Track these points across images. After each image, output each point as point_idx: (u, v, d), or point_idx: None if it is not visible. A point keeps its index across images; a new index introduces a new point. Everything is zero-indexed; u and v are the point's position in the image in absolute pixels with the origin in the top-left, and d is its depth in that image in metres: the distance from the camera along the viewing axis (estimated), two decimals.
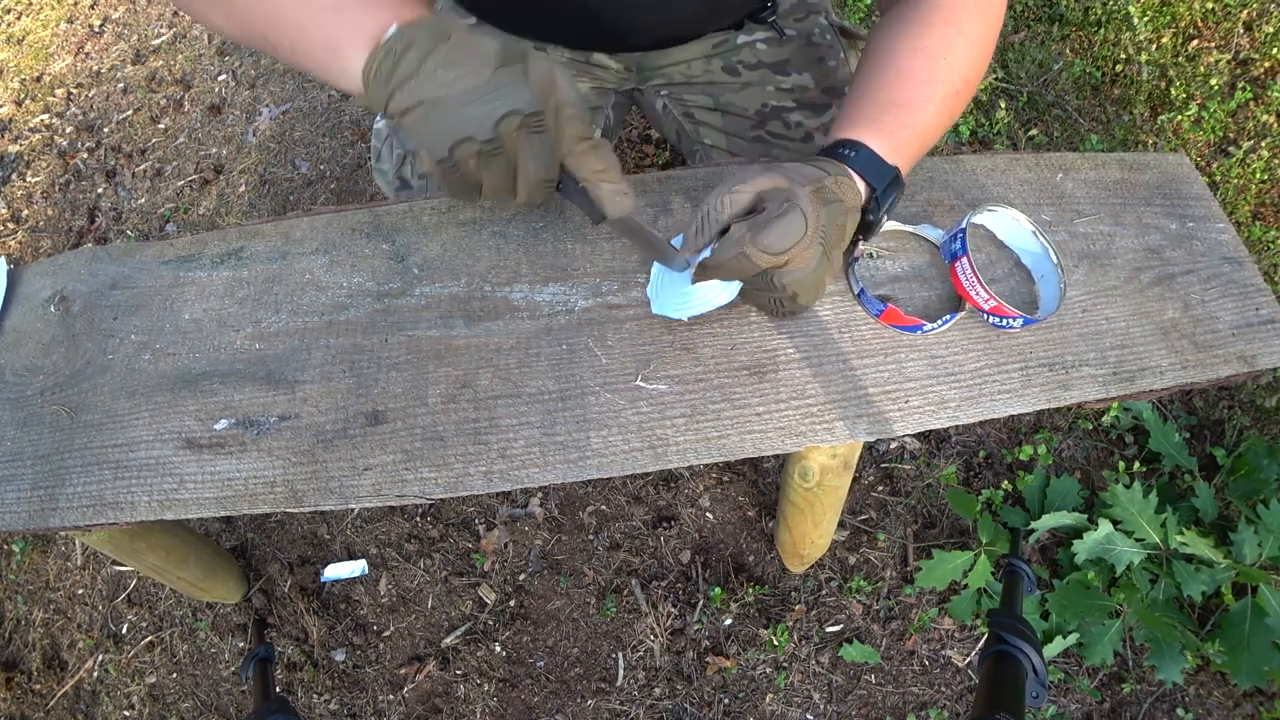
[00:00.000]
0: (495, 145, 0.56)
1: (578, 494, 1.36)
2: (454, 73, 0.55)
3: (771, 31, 0.95)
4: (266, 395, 0.73)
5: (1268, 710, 1.13)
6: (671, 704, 1.19)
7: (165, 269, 0.82)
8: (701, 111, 0.99)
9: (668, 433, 0.69)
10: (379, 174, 1.00)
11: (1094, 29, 1.77)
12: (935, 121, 0.69)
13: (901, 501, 1.33)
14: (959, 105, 0.70)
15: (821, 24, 0.97)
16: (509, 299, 0.76)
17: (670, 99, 1.00)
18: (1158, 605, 1.14)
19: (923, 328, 0.72)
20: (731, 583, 1.27)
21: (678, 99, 1.00)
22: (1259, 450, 1.22)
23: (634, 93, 1.04)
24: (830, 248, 0.63)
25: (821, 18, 0.98)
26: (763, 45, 0.95)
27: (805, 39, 0.96)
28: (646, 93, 1.02)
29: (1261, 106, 1.61)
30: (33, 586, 1.37)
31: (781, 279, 0.63)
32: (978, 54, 0.70)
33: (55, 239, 1.81)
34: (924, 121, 0.68)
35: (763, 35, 0.95)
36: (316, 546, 1.35)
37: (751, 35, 0.95)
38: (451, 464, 0.68)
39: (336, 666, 1.25)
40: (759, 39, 0.95)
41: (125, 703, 1.26)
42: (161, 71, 2.06)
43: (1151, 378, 0.71)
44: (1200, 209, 0.82)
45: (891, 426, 0.69)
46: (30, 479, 0.71)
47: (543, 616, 1.28)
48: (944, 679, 1.20)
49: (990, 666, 0.64)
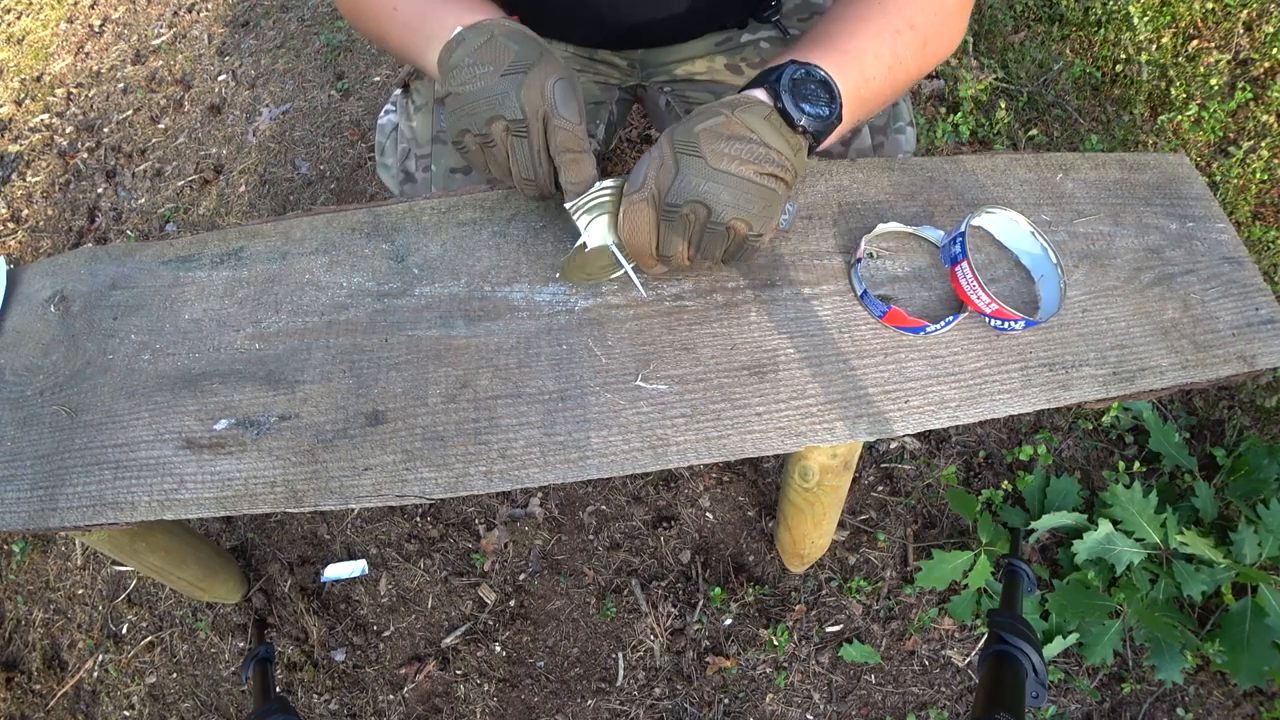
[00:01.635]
0: (489, 140, 0.66)
1: (578, 494, 1.36)
2: (476, 71, 0.65)
3: (775, 30, 0.95)
4: (266, 395, 0.73)
5: (1268, 710, 1.13)
6: (671, 704, 1.19)
7: (165, 269, 0.82)
8: None
9: (668, 433, 0.69)
10: (383, 168, 1.00)
11: (1094, 29, 1.77)
12: (869, 46, 0.69)
13: (901, 501, 1.33)
14: (904, 45, 0.71)
15: None
16: (509, 299, 0.76)
17: (673, 96, 1.01)
18: (1158, 605, 1.14)
19: (926, 329, 0.72)
20: (731, 583, 1.27)
21: (681, 96, 1.00)
22: (1259, 450, 1.22)
23: (637, 89, 1.04)
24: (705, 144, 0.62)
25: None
26: (766, 44, 0.95)
27: None
28: (650, 89, 1.03)
29: (1261, 106, 1.61)
30: (33, 586, 1.37)
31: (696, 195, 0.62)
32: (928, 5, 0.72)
33: (55, 239, 1.81)
34: (849, 44, 0.69)
35: (766, 34, 0.95)
36: (316, 546, 1.35)
37: (755, 34, 0.95)
38: (451, 464, 0.68)
39: (336, 666, 1.25)
40: (763, 37, 0.95)
41: (125, 703, 1.26)
42: (161, 71, 2.06)
43: (1151, 378, 0.71)
44: (1200, 209, 0.82)
45: (891, 426, 0.69)
46: (30, 479, 0.71)
47: (543, 616, 1.28)
48: (944, 679, 1.20)
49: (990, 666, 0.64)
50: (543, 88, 0.64)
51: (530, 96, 0.64)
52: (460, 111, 0.66)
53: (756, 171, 0.62)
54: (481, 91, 0.64)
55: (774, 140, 0.63)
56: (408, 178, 0.96)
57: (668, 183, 0.62)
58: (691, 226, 0.64)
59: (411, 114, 0.97)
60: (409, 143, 0.96)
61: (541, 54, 0.66)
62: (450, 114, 0.67)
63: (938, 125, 1.67)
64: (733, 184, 0.62)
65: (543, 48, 0.67)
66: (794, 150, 0.64)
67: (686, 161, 0.62)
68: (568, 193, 0.69)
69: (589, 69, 0.97)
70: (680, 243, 0.66)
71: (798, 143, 0.65)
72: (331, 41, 2.03)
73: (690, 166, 0.62)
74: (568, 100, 0.65)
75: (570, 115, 0.65)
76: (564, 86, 0.65)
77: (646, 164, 0.64)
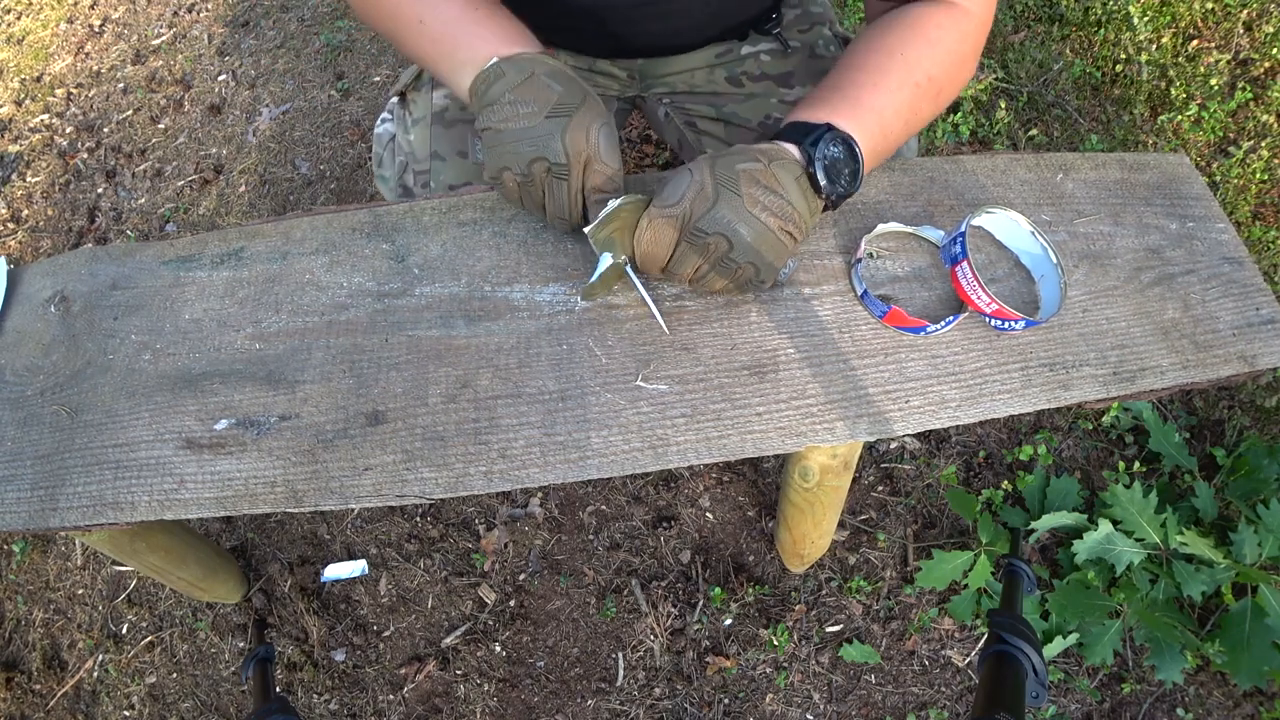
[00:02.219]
0: (529, 179, 0.67)
1: (578, 494, 1.36)
2: (519, 110, 0.66)
3: (776, 43, 0.94)
4: (266, 395, 0.73)
5: (1268, 710, 1.13)
6: (671, 704, 1.19)
7: (165, 269, 0.82)
8: (704, 121, 0.98)
9: (668, 433, 0.69)
10: (380, 180, 1.00)
11: (1094, 29, 1.77)
12: (890, 102, 0.70)
13: (901, 501, 1.33)
14: (922, 98, 0.72)
15: (826, 35, 0.97)
16: (509, 299, 0.76)
17: (673, 107, 1.00)
18: (1158, 605, 1.14)
19: (926, 329, 0.72)
20: (731, 583, 1.27)
21: (680, 108, 0.99)
22: (1259, 450, 1.22)
23: (636, 100, 1.04)
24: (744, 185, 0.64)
25: (826, 29, 0.97)
26: (767, 57, 0.95)
27: (809, 51, 0.95)
28: (649, 100, 1.02)
29: (1261, 106, 1.61)
30: (33, 586, 1.37)
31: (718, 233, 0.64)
32: (944, 57, 0.73)
33: (55, 239, 1.81)
34: (873, 100, 0.70)
35: (767, 46, 0.95)
36: (316, 546, 1.35)
37: (756, 46, 0.95)
38: (452, 464, 0.68)
39: (336, 666, 1.25)
40: (763, 50, 0.95)
41: (125, 703, 1.25)
42: (161, 71, 2.06)
43: (1152, 378, 0.71)
44: (1200, 209, 0.82)
45: (892, 426, 0.69)
46: (30, 479, 0.71)
47: (543, 616, 1.28)
48: (944, 679, 1.20)
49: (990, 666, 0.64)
50: (587, 132, 0.66)
51: (575, 140, 0.65)
52: (501, 149, 0.66)
53: (779, 226, 0.65)
54: (525, 132, 0.65)
55: (798, 202, 0.66)
56: (406, 192, 0.95)
57: (703, 209, 0.64)
58: (708, 255, 0.66)
59: (409, 126, 0.96)
60: (406, 156, 0.95)
61: (585, 97, 0.67)
62: (489, 150, 0.68)
63: (938, 125, 1.67)
64: (758, 229, 0.64)
65: (585, 91, 0.68)
66: (811, 213, 0.67)
67: (726, 196, 0.63)
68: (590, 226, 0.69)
69: (588, 79, 0.97)
70: (692, 266, 0.67)
71: (816, 207, 0.68)
72: (331, 41, 2.03)
73: (728, 202, 0.63)
74: (611, 148, 0.67)
75: (612, 161, 0.68)
76: (608, 133, 0.67)
77: (686, 184, 0.65)
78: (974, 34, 0.74)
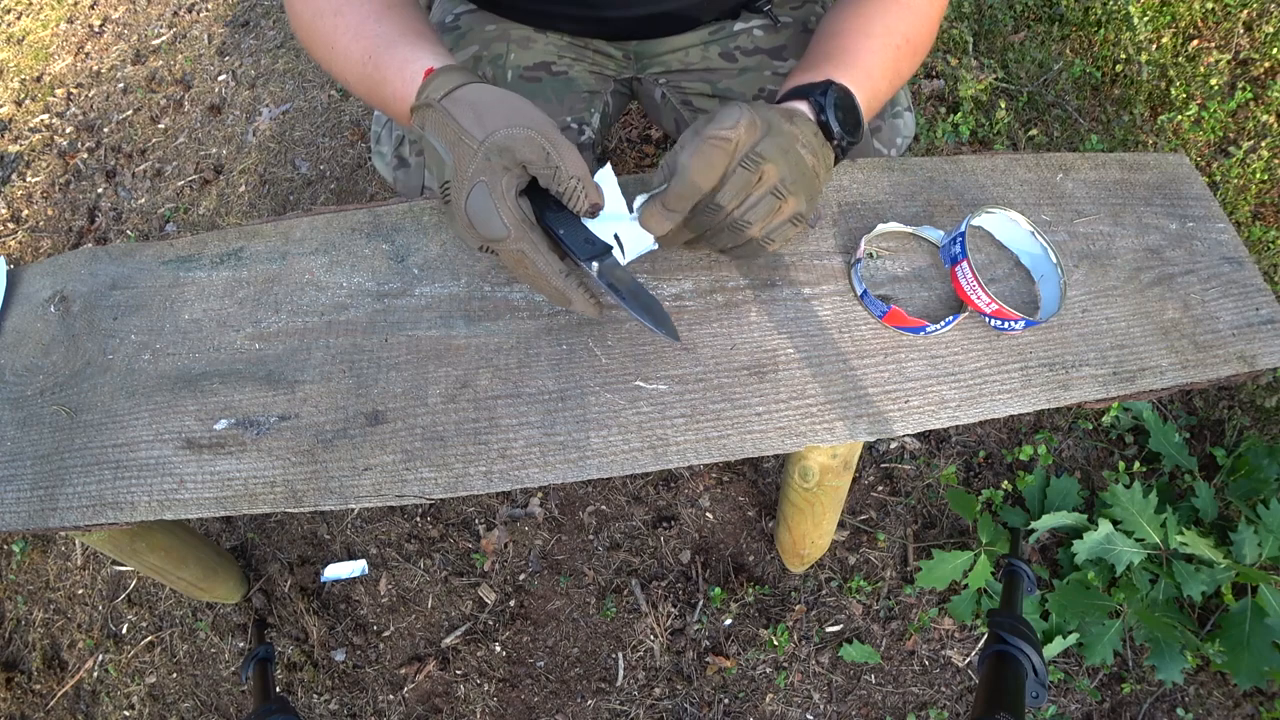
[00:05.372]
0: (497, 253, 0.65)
1: (578, 494, 1.36)
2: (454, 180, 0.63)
3: (767, 19, 0.96)
4: (266, 395, 0.73)
5: (1268, 710, 1.13)
6: (671, 704, 1.19)
7: (165, 269, 0.82)
8: (700, 99, 1.00)
9: (668, 433, 0.69)
10: (378, 156, 1.01)
11: (1094, 29, 1.77)
12: (877, 63, 0.74)
13: (901, 501, 1.33)
14: (902, 58, 0.76)
15: (818, 11, 0.99)
16: (509, 299, 0.76)
17: (668, 87, 1.01)
18: (1158, 605, 1.14)
19: (926, 329, 0.72)
20: (731, 583, 1.27)
21: (676, 86, 1.01)
22: (1259, 450, 1.22)
23: (633, 82, 1.05)
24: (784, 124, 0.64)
25: (818, 5, 0.99)
26: (759, 32, 0.97)
27: (801, 25, 0.97)
28: (645, 82, 1.04)
29: (1261, 106, 1.61)
30: (33, 586, 1.37)
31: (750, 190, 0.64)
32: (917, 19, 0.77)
33: (55, 239, 1.81)
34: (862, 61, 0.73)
35: (759, 23, 0.97)
36: (316, 546, 1.35)
37: (748, 23, 0.97)
38: (451, 464, 0.68)
39: (336, 666, 1.25)
40: (755, 26, 0.97)
41: (125, 703, 1.26)
42: (161, 71, 2.06)
43: (1151, 378, 0.71)
44: (1200, 209, 0.82)
45: (891, 426, 0.69)
46: (30, 479, 0.71)
47: (543, 616, 1.28)
48: (944, 679, 1.20)
49: (990, 666, 0.64)
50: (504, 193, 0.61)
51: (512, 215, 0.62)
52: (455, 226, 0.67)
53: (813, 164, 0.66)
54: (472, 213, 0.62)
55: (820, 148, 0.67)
56: (401, 162, 0.96)
57: (758, 135, 0.63)
58: (754, 187, 0.64)
59: None
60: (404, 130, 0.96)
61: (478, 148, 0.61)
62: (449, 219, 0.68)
63: (938, 125, 1.67)
64: (806, 162, 0.65)
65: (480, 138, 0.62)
66: (825, 168, 0.68)
67: (777, 126, 0.64)
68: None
69: (584, 58, 0.99)
70: (739, 196, 0.64)
71: (829, 159, 0.68)
72: None
73: (779, 131, 0.64)
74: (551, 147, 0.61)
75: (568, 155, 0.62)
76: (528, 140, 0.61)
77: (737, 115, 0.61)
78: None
